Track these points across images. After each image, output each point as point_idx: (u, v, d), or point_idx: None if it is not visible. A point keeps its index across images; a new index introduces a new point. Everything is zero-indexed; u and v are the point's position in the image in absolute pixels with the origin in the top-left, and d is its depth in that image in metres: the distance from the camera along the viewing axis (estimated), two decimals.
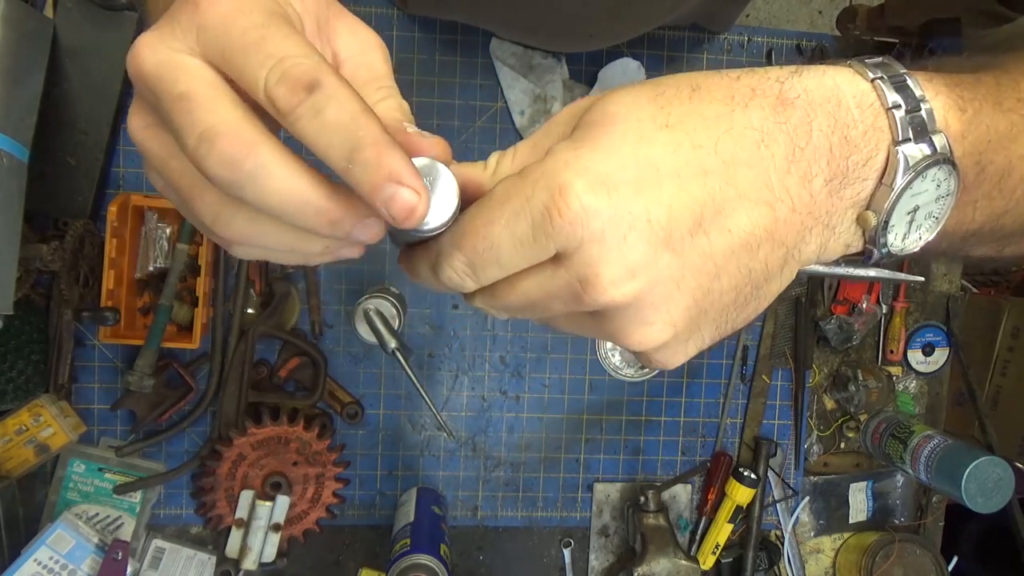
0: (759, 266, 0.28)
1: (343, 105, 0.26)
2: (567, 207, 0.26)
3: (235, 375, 0.84)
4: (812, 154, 0.28)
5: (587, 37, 0.76)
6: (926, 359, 1.00)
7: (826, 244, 0.30)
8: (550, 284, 0.28)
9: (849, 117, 0.28)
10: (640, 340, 0.29)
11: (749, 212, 0.27)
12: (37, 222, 0.80)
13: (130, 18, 0.79)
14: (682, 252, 0.27)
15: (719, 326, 0.30)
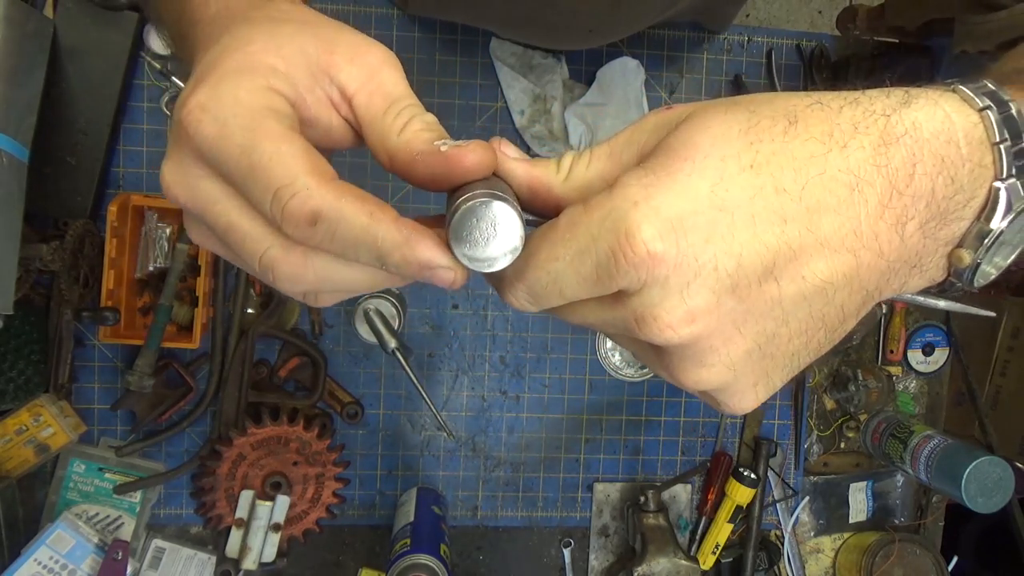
0: (834, 311, 0.27)
1: (351, 224, 0.26)
2: (633, 252, 0.25)
3: (235, 375, 0.84)
4: (911, 199, 0.26)
5: (586, 32, 0.76)
6: (926, 359, 1.00)
7: (908, 282, 0.28)
8: (608, 315, 0.28)
9: (958, 156, 0.26)
10: (696, 381, 0.28)
11: (828, 260, 0.26)
12: (37, 222, 0.80)
13: (130, 18, 0.79)
14: (747, 299, 0.26)
15: (790, 371, 0.29)
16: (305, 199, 0.26)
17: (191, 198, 0.29)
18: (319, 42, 0.31)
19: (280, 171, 0.26)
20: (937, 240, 0.27)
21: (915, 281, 0.28)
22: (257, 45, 0.30)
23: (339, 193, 0.27)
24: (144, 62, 0.83)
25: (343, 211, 0.26)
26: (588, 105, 0.88)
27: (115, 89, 0.80)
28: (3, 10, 0.66)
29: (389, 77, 0.31)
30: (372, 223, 0.26)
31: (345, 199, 0.26)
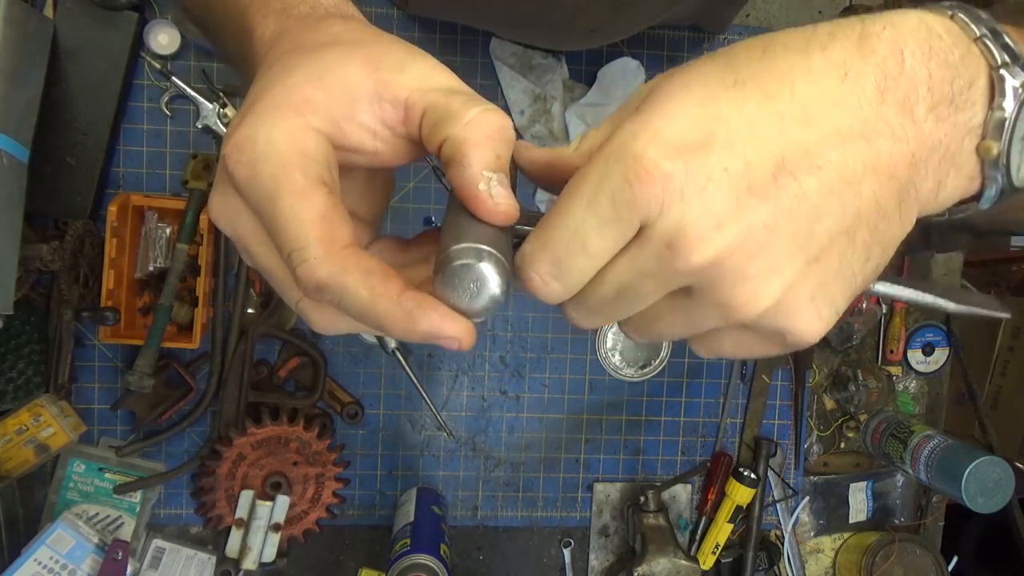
0: (867, 204, 0.26)
1: (353, 299, 0.27)
2: (645, 171, 0.26)
3: (235, 375, 0.84)
4: (908, 82, 0.26)
5: (587, 32, 0.76)
6: (926, 359, 1.00)
7: (945, 180, 0.28)
8: (638, 260, 0.27)
9: (942, 44, 0.27)
10: (748, 299, 0.26)
11: (840, 148, 0.26)
12: (37, 222, 0.80)
13: (130, 18, 0.79)
14: (768, 197, 0.25)
15: (845, 280, 0.27)
16: (312, 269, 0.27)
17: (233, 231, 0.31)
18: (365, 63, 0.30)
19: (293, 233, 0.27)
20: (956, 126, 0.27)
21: (952, 179, 0.28)
22: (298, 76, 0.30)
23: (344, 267, 0.27)
24: (144, 62, 0.83)
25: (345, 286, 0.27)
26: (588, 105, 0.88)
27: (115, 89, 0.80)
28: (3, 10, 0.66)
29: (440, 77, 0.31)
30: (373, 299, 0.27)
31: (349, 275, 0.27)
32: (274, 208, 0.28)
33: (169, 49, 0.81)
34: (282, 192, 0.27)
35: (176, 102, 0.84)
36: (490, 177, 0.28)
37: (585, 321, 0.31)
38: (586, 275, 0.28)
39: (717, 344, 0.31)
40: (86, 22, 0.77)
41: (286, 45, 0.33)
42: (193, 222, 0.80)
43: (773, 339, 0.28)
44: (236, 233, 0.31)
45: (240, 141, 0.28)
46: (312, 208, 0.27)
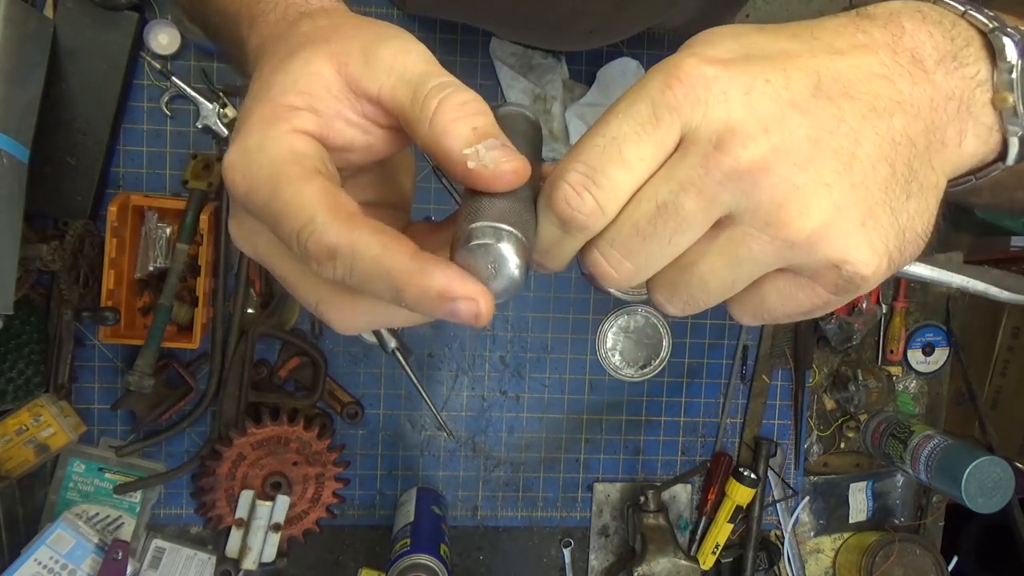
0: (900, 135, 0.27)
1: (364, 257, 0.26)
2: (686, 75, 0.26)
3: (235, 375, 0.84)
4: (911, 40, 0.28)
5: (587, 33, 0.76)
6: (926, 359, 1.00)
7: (966, 129, 0.29)
8: (681, 168, 0.26)
9: (934, 16, 0.29)
10: (799, 212, 0.26)
11: (868, 81, 0.27)
12: (37, 222, 0.80)
13: (130, 18, 0.79)
14: (810, 112, 0.26)
15: (892, 211, 0.27)
16: (321, 235, 0.26)
17: (254, 252, 0.31)
18: (331, 61, 0.30)
19: (298, 212, 0.27)
20: (964, 79, 0.28)
21: (972, 128, 0.29)
22: (275, 88, 0.30)
23: (352, 226, 0.26)
24: (144, 62, 0.83)
25: (356, 245, 0.26)
26: (588, 105, 0.88)
27: (115, 89, 0.80)
28: (3, 10, 0.66)
29: (405, 61, 0.30)
30: (384, 254, 0.26)
31: (358, 231, 0.26)
32: (275, 206, 0.27)
33: (169, 49, 0.81)
34: (281, 185, 0.27)
35: (176, 102, 0.84)
36: (475, 150, 0.27)
37: (616, 265, 0.28)
38: (622, 189, 0.27)
39: (759, 299, 0.29)
40: (86, 22, 0.78)
41: (265, 59, 0.33)
42: (193, 222, 0.80)
43: (825, 276, 0.27)
44: (257, 253, 0.31)
45: (233, 160, 0.29)
46: (313, 186, 0.27)
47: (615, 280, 0.28)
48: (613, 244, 0.27)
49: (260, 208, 0.28)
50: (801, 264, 0.27)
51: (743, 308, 0.30)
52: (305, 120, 0.29)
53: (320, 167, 0.29)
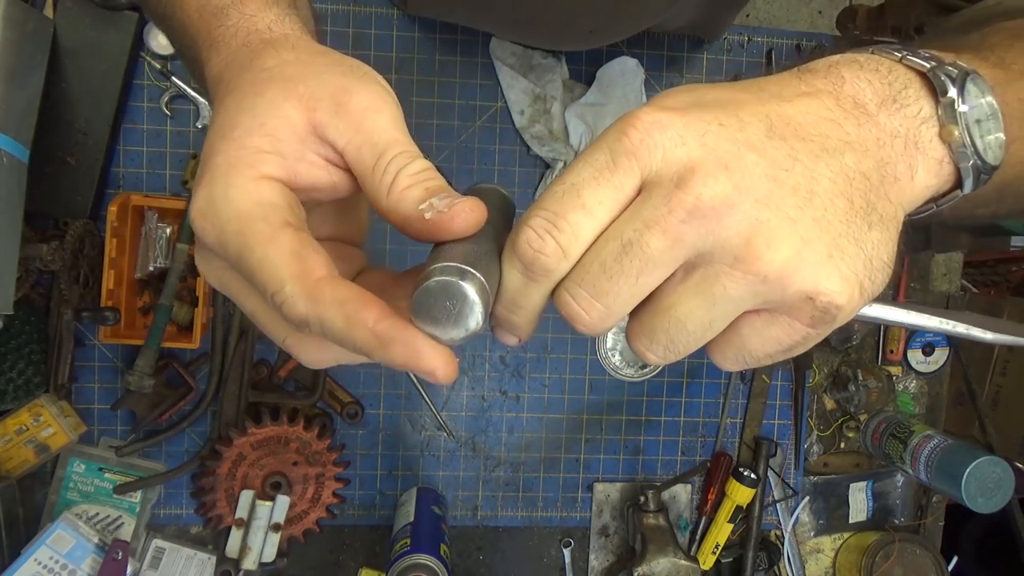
0: (854, 173, 0.28)
1: (332, 328, 0.28)
2: (641, 122, 0.27)
3: (235, 375, 0.84)
4: (852, 88, 0.30)
5: (587, 33, 0.76)
6: (926, 359, 1.00)
7: (915, 164, 0.30)
8: (643, 208, 0.27)
9: (871, 64, 0.30)
10: (767, 245, 0.26)
11: (816, 124, 0.28)
12: (37, 222, 0.80)
13: (130, 18, 0.79)
14: (766, 152, 0.27)
15: (856, 241, 0.27)
16: (292, 306, 0.28)
17: (221, 287, 0.32)
18: (301, 103, 0.30)
19: (269, 276, 0.28)
20: (907, 118, 0.30)
21: (922, 163, 0.30)
22: (241, 129, 0.30)
23: (319, 299, 0.28)
24: (144, 62, 0.83)
25: (323, 317, 0.28)
26: (588, 105, 0.88)
27: (115, 89, 0.80)
28: (3, 10, 0.66)
29: (375, 123, 0.30)
30: (349, 328, 0.27)
31: (324, 306, 0.27)
32: (247, 261, 0.28)
33: (169, 49, 0.81)
34: (251, 244, 0.28)
35: (176, 102, 0.84)
36: (429, 203, 0.28)
37: (587, 306, 0.28)
38: (583, 233, 0.27)
39: (740, 342, 0.29)
40: (86, 22, 0.78)
41: (226, 88, 0.33)
42: None
43: (801, 309, 0.27)
44: (224, 288, 0.32)
45: (201, 207, 0.29)
46: (281, 249, 0.28)
47: (586, 321, 0.28)
48: (581, 284, 0.28)
49: (231, 260, 0.29)
50: (776, 300, 0.27)
51: (724, 353, 0.30)
52: (271, 164, 0.30)
53: (288, 216, 0.29)
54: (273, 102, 0.30)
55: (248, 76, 0.33)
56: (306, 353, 0.31)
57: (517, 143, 0.90)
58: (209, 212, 0.29)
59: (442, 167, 0.89)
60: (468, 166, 0.90)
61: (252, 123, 0.30)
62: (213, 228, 0.29)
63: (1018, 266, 1.55)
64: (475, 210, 0.28)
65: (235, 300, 0.32)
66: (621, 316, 0.28)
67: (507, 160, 0.90)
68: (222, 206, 0.29)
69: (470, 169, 0.90)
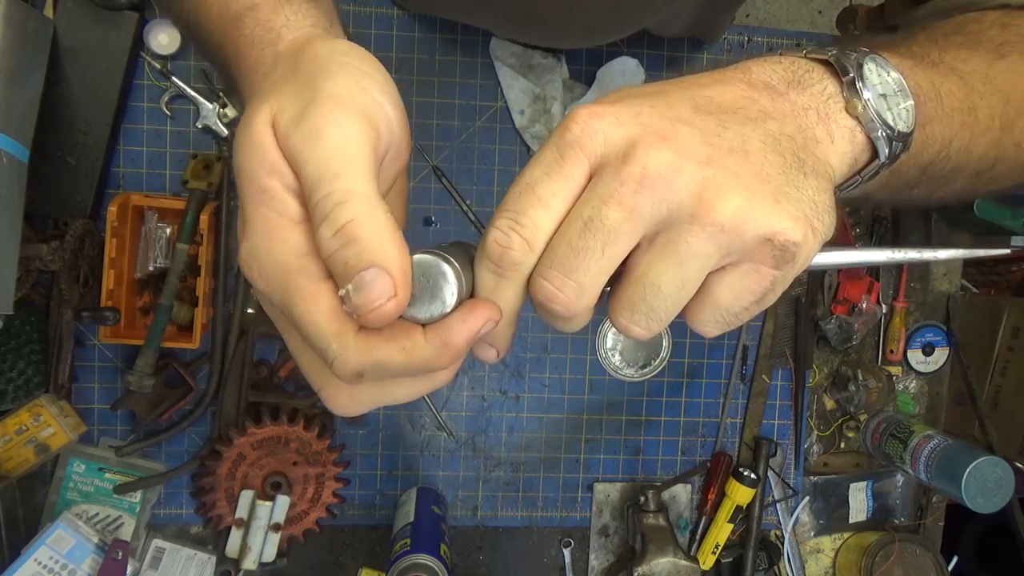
0: (779, 135, 0.31)
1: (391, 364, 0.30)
2: (579, 117, 0.29)
3: (235, 375, 0.84)
4: (759, 76, 0.33)
5: (585, 30, 0.76)
6: (926, 359, 1.00)
7: (831, 131, 0.32)
8: (597, 187, 0.29)
9: (775, 59, 0.34)
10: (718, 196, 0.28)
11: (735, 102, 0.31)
12: (37, 222, 0.80)
13: (130, 18, 0.79)
14: (696, 124, 0.29)
15: (797, 187, 0.30)
16: (343, 364, 0.29)
17: (274, 320, 0.34)
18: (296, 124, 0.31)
19: (314, 333, 0.29)
20: (814, 95, 0.33)
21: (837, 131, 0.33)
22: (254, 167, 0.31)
23: (369, 347, 0.29)
24: (144, 62, 0.83)
25: (379, 361, 0.29)
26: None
27: (115, 89, 0.80)
28: (3, 10, 0.66)
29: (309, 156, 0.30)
30: (409, 359, 0.30)
31: (377, 351, 0.29)
32: (292, 315, 0.30)
33: (169, 49, 0.81)
34: (293, 299, 0.29)
35: (176, 102, 0.84)
36: (346, 291, 0.28)
37: (561, 285, 0.29)
38: (544, 224, 0.29)
39: (713, 301, 0.30)
40: (86, 22, 0.78)
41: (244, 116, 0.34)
42: (193, 222, 0.80)
43: (762, 252, 0.29)
44: (277, 323, 0.34)
45: (246, 258, 0.31)
46: (322, 307, 0.29)
47: (562, 300, 0.29)
48: (552, 265, 0.29)
49: (280, 309, 0.31)
50: (737, 248, 0.29)
51: (702, 316, 0.31)
52: (288, 206, 0.30)
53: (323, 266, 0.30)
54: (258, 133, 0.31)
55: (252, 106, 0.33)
56: (339, 404, 0.33)
57: (517, 143, 0.90)
58: (254, 263, 0.30)
59: (442, 167, 0.89)
60: (468, 166, 0.90)
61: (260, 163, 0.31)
62: (260, 278, 0.30)
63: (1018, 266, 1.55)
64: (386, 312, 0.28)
65: (284, 337, 0.34)
66: (594, 293, 0.30)
67: (507, 160, 0.90)
68: (265, 258, 0.30)
69: (470, 169, 0.90)
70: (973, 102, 0.40)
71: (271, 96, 0.31)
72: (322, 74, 0.32)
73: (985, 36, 0.45)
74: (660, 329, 0.30)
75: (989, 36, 0.45)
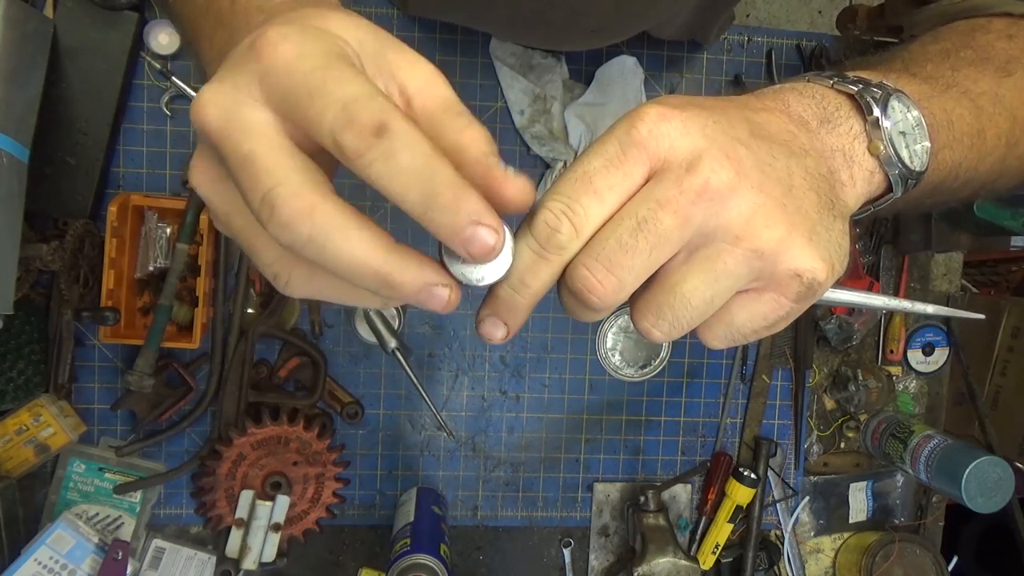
0: (816, 174, 0.32)
1: (415, 148, 0.26)
2: (648, 116, 0.29)
3: (235, 375, 0.84)
4: (796, 109, 0.35)
5: (588, 33, 0.76)
6: (926, 359, 1.00)
7: (853, 173, 0.35)
8: (656, 190, 0.29)
9: (808, 91, 0.36)
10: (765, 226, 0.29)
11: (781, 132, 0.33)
12: (37, 222, 0.80)
13: (130, 18, 0.79)
14: (752, 148, 0.30)
15: (826, 228, 0.31)
16: (376, 110, 0.26)
17: (222, 118, 0.27)
18: (379, 41, 0.30)
19: (355, 88, 0.26)
20: (842, 135, 0.35)
21: (859, 172, 0.35)
22: (330, 22, 0.29)
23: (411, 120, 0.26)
24: (144, 62, 0.83)
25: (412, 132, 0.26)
26: (587, 105, 0.88)
27: (115, 89, 0.80)
28: (3, 10, 0.66)
29: (446, 88, 0.30)
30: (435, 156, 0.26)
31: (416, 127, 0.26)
32: (325, 75, 0.26)
33: (169, 49, 0.81)
34: (334, 65, 0.27)
35: (176, 102, 0.84)
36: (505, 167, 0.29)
37: (603, 278, 0.29)
38: (595, 215, 0.29)
39: (729, 319, 0.32)
40: (86, 22, 0.78)
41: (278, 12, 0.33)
42: (193, 222, 0.80)
43: (788, 285, 0.30)
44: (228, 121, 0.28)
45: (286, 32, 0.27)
46: (352, 74, 0.27)
47: (600, 293, 0.29)
48: (598, 258, 0.29)
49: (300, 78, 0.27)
50: (767, 276, 0.30)
51: (715, 331, 0.33)
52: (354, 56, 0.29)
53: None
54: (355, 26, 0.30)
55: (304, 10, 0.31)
56: (295, 279, 0.29)
57: (517, 143, 0.90)
58: (294, 36, 0.27)
59: None
60: None
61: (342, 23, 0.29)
62: (296, 46, 0.27)
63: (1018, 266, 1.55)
64: (531, 188, 0.29)
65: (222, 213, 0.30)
66: (630, 291, 0.30)
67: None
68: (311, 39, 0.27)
69: None
70: (982, 124, 0.42)
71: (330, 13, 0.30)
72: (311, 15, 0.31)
73: (993, 50, 0.46)
74: (679, 336, 0.31)
75: (997, 50, 0.46)
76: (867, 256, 0.99)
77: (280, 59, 0.27)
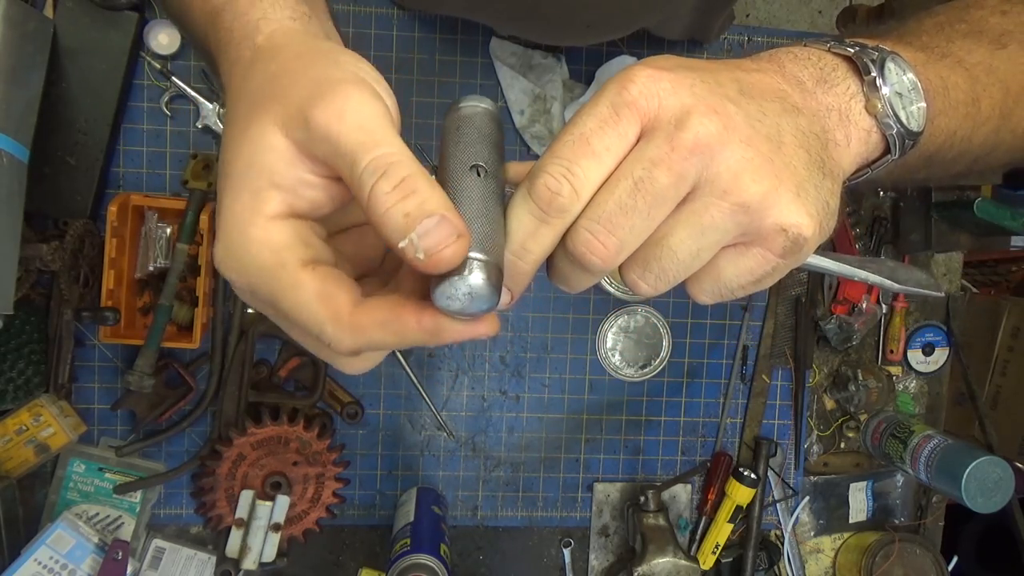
0: (808, 131, 0.32)
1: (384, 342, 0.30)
2: (637, 77, 0.30)
3: (235, 375, 0.84)
4: (791, 70, 0.35)
5: (584, 27, 0.76)
6: (926, 359, 1.00)
7: (849, 132, 0.35)
8: (648, 149, 0.30)
9: (804, 53, 0.36)
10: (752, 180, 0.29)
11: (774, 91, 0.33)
12: (37, 222, 0.80)
13: (130, 18, 0.79)
14: (741, 105, 0.31)
15: (815, 186, 0.31)
16: (338, 345, 0.30)
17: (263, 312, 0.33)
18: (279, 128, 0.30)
19: (306, 321, 0.30)
20: (838, 95, 0.35)
21: (855, 131, 0.35)
22: (240, 169, 0.31)
23: (360, 329, 0.29)
24: (144, 62, 0.83)
25: (372, 341, 0.30)
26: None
27: (115, 89, 0.80)
28: (3, 10, 0.66)
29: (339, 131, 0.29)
30: (401, 339, 0.30)
31: (368, 332, 0.29)
32: (281, 309, 0.30)
33: (169, 49, 0.81)
34: (277, 295, 0.30)
35: (176, 102, 0.84)
36: (409, 240, 0.28)
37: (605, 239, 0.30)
38: (594, 176, 0.30)
39: (716, 273, 0.32)
40: (86, 22, 0.78)
41: (229, 115, 0.33)
42: (193, 222, 0.80)
43: (774, 240, 0.30)
44: (266, 314, 0.33)
45: (221, 258, 0.31)
46: (307, 295, 0.30)
47: (603, 254, 0.30)
48: (599, 220, 0.30)
49: (263, 306, 0.31)
50: (753, 230, 0.30)
51: (702, 286, 0.33)
52: (272, 203, 0.30)
53: (303, 254, 0.30)
54: (260, 135, 0.31)
55: (241, 101, 0.33)
56: (354, 368, 0.34)
57: (517, 143, 0.90)
58: (231, 262, 0.30)
59: None
60: None
61: (245, 166, 0.31)
62: (240, 276, 0.30)
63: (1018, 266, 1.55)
64: (457, 252, 0.28)
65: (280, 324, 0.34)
66: (630, 252, 0.31)
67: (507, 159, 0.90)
68: (243, 258, 0.30)
69: None
70: (977, 94, 0.42)
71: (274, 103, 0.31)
72: (322, 62, 0.32)
73: (987, 24, 0.46)
74: (665, 290, 0.32)
75: (991, 24, 0.46)
76: (867, 256, 0.99)
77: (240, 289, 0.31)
